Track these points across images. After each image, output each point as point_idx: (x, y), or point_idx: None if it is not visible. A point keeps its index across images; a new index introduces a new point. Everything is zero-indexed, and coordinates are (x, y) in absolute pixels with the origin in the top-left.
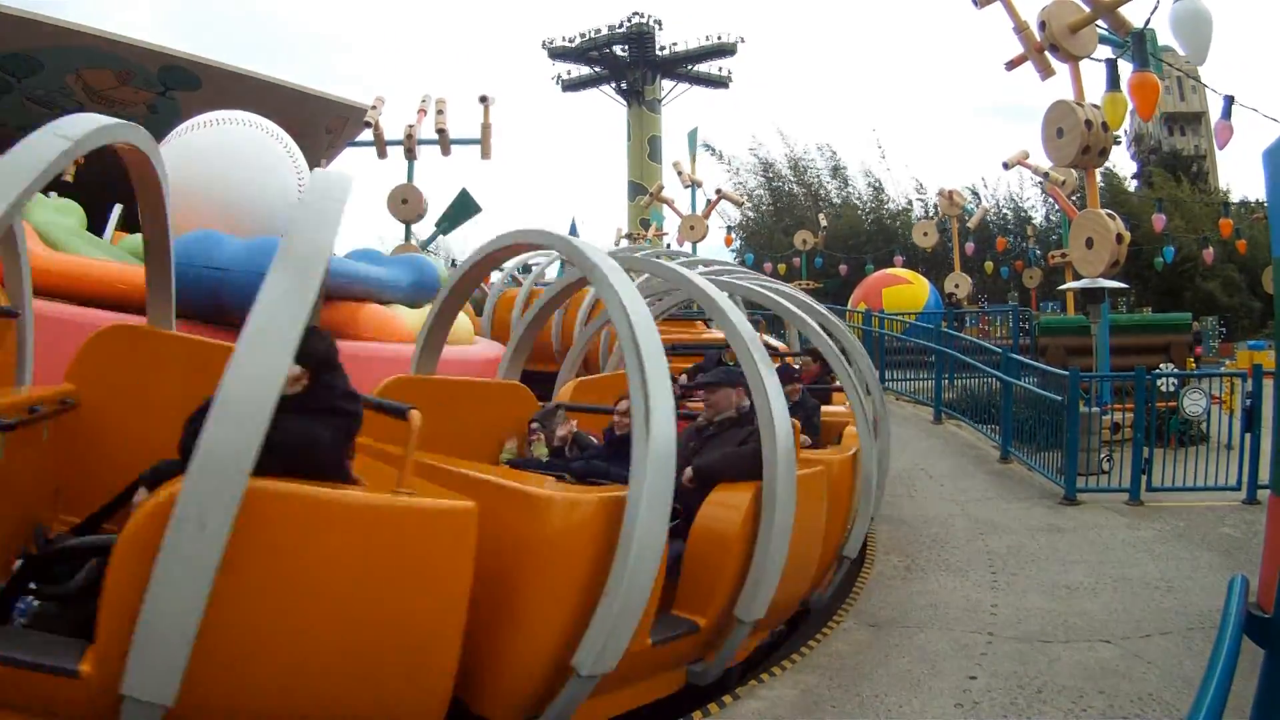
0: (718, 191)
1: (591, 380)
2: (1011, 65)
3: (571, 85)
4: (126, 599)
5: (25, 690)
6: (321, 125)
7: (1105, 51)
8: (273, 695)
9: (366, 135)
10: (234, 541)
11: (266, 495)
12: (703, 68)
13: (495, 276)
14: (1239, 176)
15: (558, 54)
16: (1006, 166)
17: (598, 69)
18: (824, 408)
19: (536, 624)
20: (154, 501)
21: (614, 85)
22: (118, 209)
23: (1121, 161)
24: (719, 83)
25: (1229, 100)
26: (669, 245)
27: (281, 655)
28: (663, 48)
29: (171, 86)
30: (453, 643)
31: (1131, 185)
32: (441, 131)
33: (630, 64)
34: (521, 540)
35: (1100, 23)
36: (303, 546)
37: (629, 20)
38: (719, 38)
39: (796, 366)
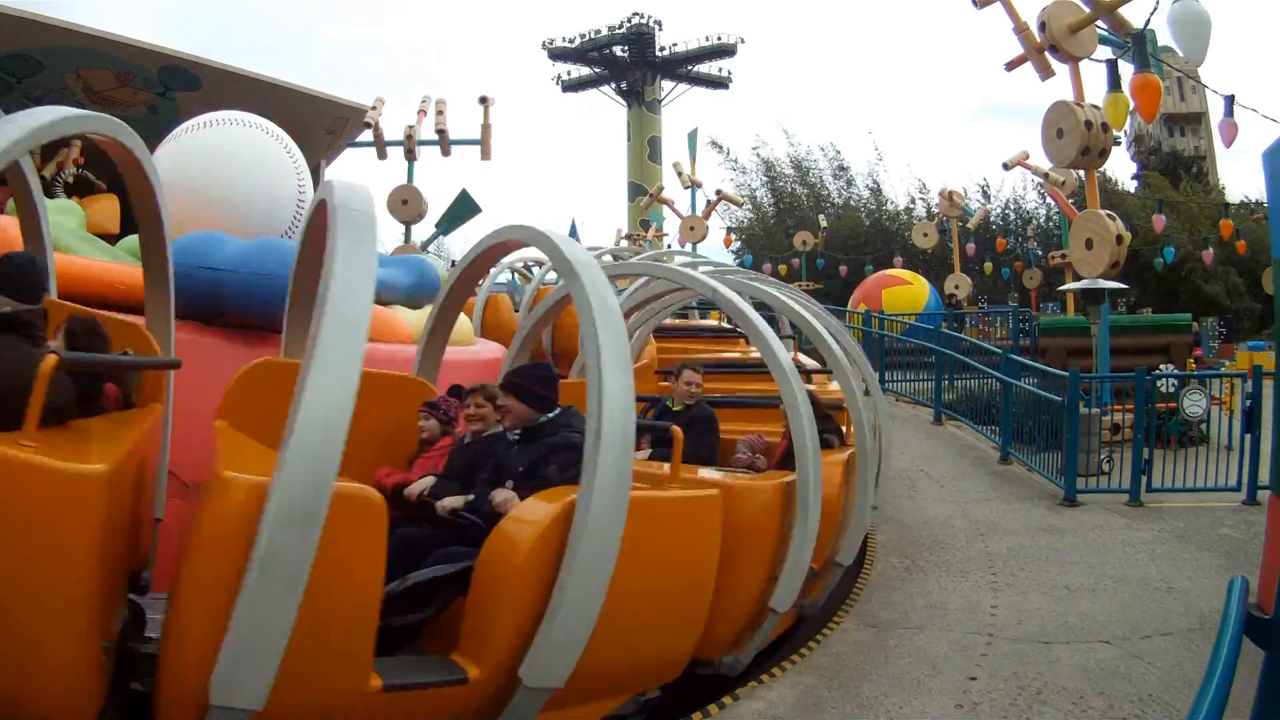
0: (718, 192)
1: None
2: (1011, 66)
3: (571, 86)
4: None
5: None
6: (321, 125)
7: (1105, 52)
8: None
9: (366, 136)
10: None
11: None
12: (703, 68)
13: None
14: (1238, 177)
15: (558, 54)
16: (1006, 167)
17: (598, 69)
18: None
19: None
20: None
21: (614, 86)
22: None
23: (1121, 163)
24: (719, 83)
25: (1230, 99)
26: (669, 246)
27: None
28: (663, 48)
29: (171, 87)
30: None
31: (1131, 186)
32: (441, 132)
33: (630, 64)
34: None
35: (1100, 23)
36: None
37: (629, 21)
38: (719, 38)
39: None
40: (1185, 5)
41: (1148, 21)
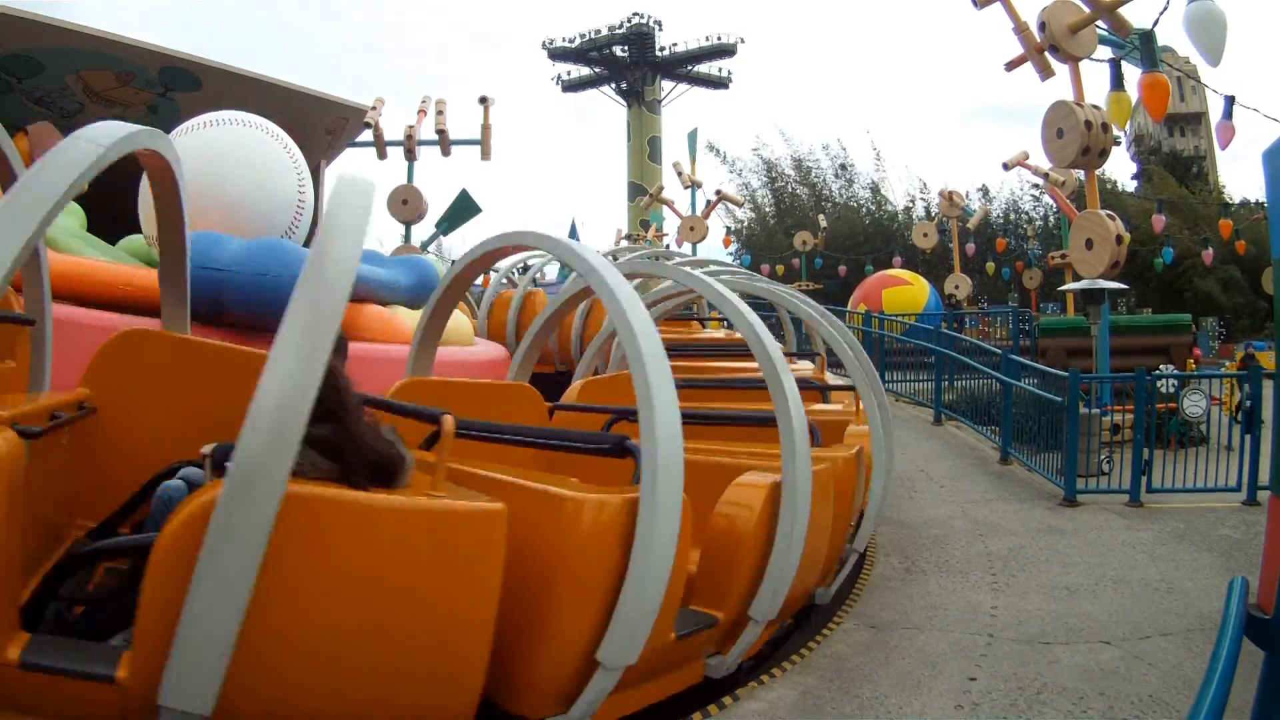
0: (718, 192)
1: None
2: (1011, 66)
3: (571, 86)
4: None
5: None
6: (321, 125)
7: (1105, 52)
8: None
9: (366, 136)
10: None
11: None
12: (703, 68)
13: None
14: (1238, 177)
15: (558, 54)
16: (1006, 167)
17: (598, 69)
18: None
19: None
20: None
21: (614, 86)
22: None
23: (1121, 163)
24: (719, 83)
25: (1230, 100)
26: (669, 246)
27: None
28: (663, 48)
29: (172, 87)
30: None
31: (1131, 186)
32: (441, 132)
33: (630, 64)
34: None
35: (1100, 23)
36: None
37: (629, 21)
38: (719, 38)
39: None
40: (1201, 5)
41: (1156, 21)
